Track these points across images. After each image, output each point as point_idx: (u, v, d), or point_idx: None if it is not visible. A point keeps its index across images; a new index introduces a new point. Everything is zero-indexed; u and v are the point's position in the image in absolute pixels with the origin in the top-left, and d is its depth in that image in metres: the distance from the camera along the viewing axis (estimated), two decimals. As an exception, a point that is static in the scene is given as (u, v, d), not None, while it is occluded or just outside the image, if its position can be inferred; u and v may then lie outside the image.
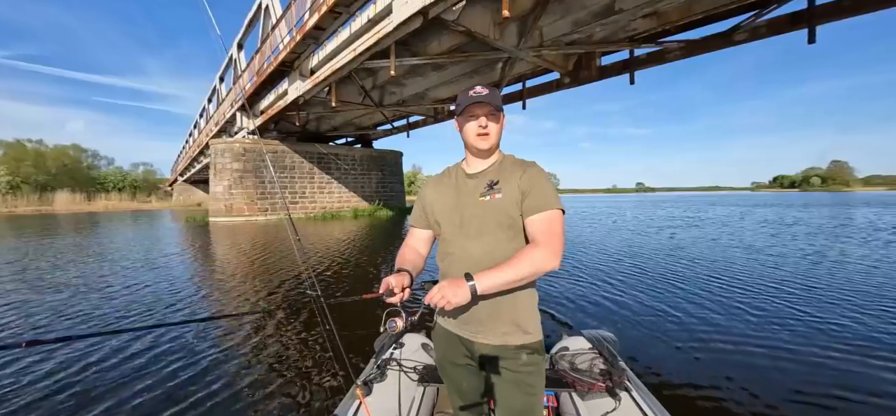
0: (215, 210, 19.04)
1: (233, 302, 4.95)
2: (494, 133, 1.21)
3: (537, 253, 1.09)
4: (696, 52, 8.63)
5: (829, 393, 2.50)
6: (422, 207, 1.37)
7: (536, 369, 1.20)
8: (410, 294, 1.21)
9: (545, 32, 8.66)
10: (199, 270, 7.03)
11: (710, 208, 28.41)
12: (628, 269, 6.51)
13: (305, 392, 2.56)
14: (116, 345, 3.37)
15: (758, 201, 40.01)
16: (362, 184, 24.09)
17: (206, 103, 28.80)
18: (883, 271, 5.95)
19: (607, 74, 10.28)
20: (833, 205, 28.40)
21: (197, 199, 51.78)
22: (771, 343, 3.29)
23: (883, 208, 22.64)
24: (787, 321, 3.82)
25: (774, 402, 2.40)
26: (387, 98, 15.09)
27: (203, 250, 9.72)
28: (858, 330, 3.58)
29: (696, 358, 3.04)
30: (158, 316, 4.34)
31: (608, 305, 4.51)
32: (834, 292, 4.91)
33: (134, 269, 6.95)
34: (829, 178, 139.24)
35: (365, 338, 3.10)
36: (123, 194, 52.79)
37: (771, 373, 2.78)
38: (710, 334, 3.52)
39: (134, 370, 2.94)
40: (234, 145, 19.16)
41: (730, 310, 4.20)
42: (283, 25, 12.44)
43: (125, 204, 46.44)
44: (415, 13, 7.12)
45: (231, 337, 3.58)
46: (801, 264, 6.67)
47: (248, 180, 19.28)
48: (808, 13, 6.98)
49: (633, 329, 3.71)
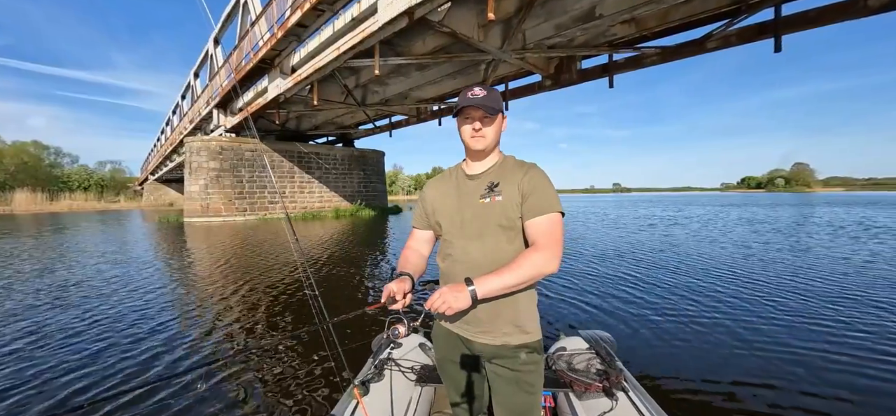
0: (191, 210, 18.43)
1: (226, 303, 4.85)
2: (490, 135, 1.20)
3: (537, 257, 1.09)
4: (671, 57, 8.96)
5: (826, 392, 2.53)
6: (423, 208, 1.37)
7: (536, 368, 1.21)
8: (412, 299, 1.20)
9: (528, 35, 8.81)
10: (186, 272, 6.82)
11: (687, 207, 29.56)
12: (619, 267, 6.66)
13: (302, 393, 2.55)
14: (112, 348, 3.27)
15: (728, 201, 41.86)
16: (344, 184, 23.80)
17: (180, 100, 27.80)
18: (861, 270, 6.22)
19: (587, 77, 10.55)
20: (799, 205, 29.94)
21: (169, 198, 49.92)
22: (765, 341, 3.33)
23: (844, 208, 24.03)
24: (781, 320, 3.86)
25: (772, 400, 2.43)
26: (369, 97, 14.98)
27: (183, 251, 9.41)
28: (859, 329, 3.59)
29: (692, 357, 3.06)
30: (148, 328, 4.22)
31: (601, 304, 4.54)
32: (820, 285, 5.11)
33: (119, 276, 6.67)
34: (792, 179, 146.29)
35: (363, 338, 3.08)
36: (89, 194, 50.41)
37: (767, 371, 2.80)
38: (704, 333, 3.55)
39: (127, 372, 2.90)
40: (211, 143, 18.60)
41: (724, 309, 4.24)
42: (263, 22, 12.17)
43: (91, 204, 44.35)
44: (400, 13, 7.12)
45: (228, 338, 3.54)
46: (788, 260, 6.98)
47: (226, 180, 18.75)
48: (774, 24, 7.37)
49: (626, 327, 3.75)
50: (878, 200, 39.73)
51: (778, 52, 7.49)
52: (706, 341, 3.38)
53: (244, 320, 4.07)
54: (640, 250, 8.50)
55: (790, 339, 3.39)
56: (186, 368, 2.98)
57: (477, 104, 1.15)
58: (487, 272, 1.11)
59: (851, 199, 43.53)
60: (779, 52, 7.47)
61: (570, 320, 4.03)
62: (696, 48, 8.43)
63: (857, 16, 6.65)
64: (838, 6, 6.76)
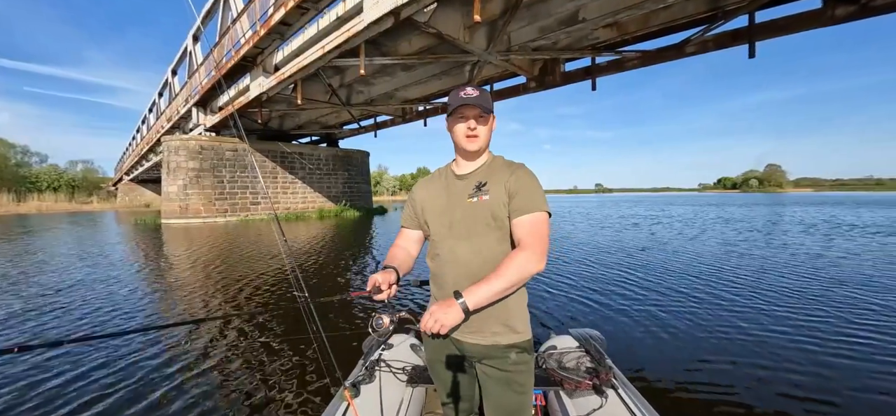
0: (169, 211, 17.90)
1: (215, 303, 4.76)
2: (483, 135, 1.20)
3: (522, 257, 1.09)
4: (651, 61, 9.21)
5: (813, 387, 2.56)
6: (412, 208, 1.37)
7: (526, 367, 1.21)
8: (397, 291, 1.21)
9: (513, 37, 8.91)
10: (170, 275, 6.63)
11: (669, 207, 30.36)
12: (609, 265, 6.80)
13: (292, 394, 2.53)
14: (107, 349, 3.24)
15: (706, 201, 43.17)
16: (328, 184, 23.52)
17: (157, 98, 26.95)
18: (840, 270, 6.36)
19: (571, 79, 10.74)
20: (772, 205, 31.11)
21: (145, 199, 48.25)
22: (755, 338, 3.39)
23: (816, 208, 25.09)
24: (771, 316, 3.94)
25: (760, 396, 2.46)
26: (354, 97, 14.88)
27: (161, 254, 9.14)
28: (850, 327, 3.65)
29: (682, 356, 3.10)
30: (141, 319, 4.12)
31: (592, 301, 4.59)
32: (803, 281, 5.31)
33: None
34: (766, 180, 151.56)
35: (353, 338, 3.08)
36: (60, 194, 48.13)
37: (756, 368, 2.84)
38: (692, 330, 3.62)
39: (121, 374, 2.86)
40: (190, 143, 18.10)
41: (713, 306, 4.32)
42: (245, 19, 11.94)
43: (61, 205, 42.37)
44: (386, 13, 7.10)
45: (217, 339, 3.49)
46: (769, 257, 7.27)
47: (206, 180, 18.28)
48: (748, 31, 7.66)
49: (615, 325, 3.80)
50: (845, 199, 41.75)
51: (752, 57, 7.80)
52: (694, 338, 3.45)
53: (232, 321, 3.99)
54: (627, 249, 8.70)
55: (775, 334, 3.47)
56: (172, 369, 2.92)
57: (473, 103, 1.15)
58: (476, 273, 1.12)
59: (821, 199, 45.59)
60: (753, 57, 7.78)
61: (560, 318, 4.06)
62: (676, 53, 8.68)
63: (824, 24, 6.98)
64: (807, 15, 7.10)
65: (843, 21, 6.85)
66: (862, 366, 2.87)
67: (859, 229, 12.14)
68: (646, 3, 7.11)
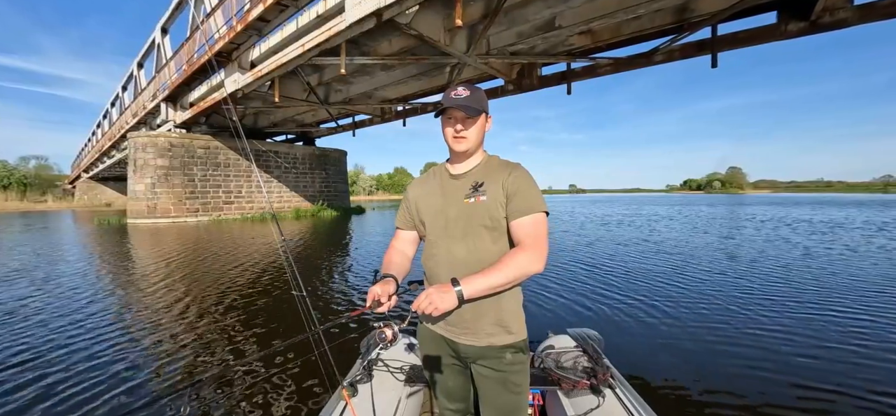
0: (135, 211, 17.14)
1: (201, 307, 4.65)
2: (472, 136, 1.18)
3: (523, 257, 1.09)
4: (622, 68, 9.64)
5: (808, 383, 2.60)
6: (406, 208, 1.35)
7: (521, 368, 1.21)
8: (398, 301, 1.18)
9: (492, 41, 9.12)
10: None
11: (645, 207, 31.40)
12: (599, 265, 6.94)
13: (289, 394, 2.52)
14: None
15: (676, 201, 45.00)
16: (305, 183, 23.11)
17: (121, 92, 25.63)
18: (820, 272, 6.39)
19: (547, 83, 11.07)
20: (734, 205, 32.71)
21: (106, 198, 45.68)
22: (751, 336, 3.46)
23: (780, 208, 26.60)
24: (767, 315, 4.01)
25: (757, 394, 2.49)
26: (332, 96, 14.73)
27: (129, 257, 8.80)
28: (842, 323, 3.76)
29: (680, 355, 3.12)
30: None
31: (587, 301, 4.63)
32: (798, 280, 5.47)
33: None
34: (728, 181, 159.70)
35: (351, 338, 3.08)
36: (10, 192, 44.95)
37: (752, 367, 2.87)
38: (695, 331, 3.65)
39: (115, 375, 2.81)
40: (159, 139, 17.38)
41: (708, 304, 4.40)
42: (220, 13, 11.62)
43: (12, 204, 39.49)
44: (369, 14, 7.14)
45: (211, 338, 3.46)
46: (763, 257, 7.53)
47: (176, 178, 17.60)
48: (711, 42, 8.18)
49: (614, 325, 3.83)
50: (800, 200, 44.59)
51: (715, 67, 8.33)
52: (694, 338, 3.48)
53: (226, 324, 3.93)
54: (617, 249, 8.99)
55: (770, 331, 3.55)
56: (167, 367, 2.90)
57: (458, 105, 1.14)
58: (473, 272, 1.11)
59: (778, 199, 48.50)
60: (715, 67, 8.32)
61: (555, 317, 4.08)
62: (645, 60, 9.13)
63: (779, 38, 7.54)
64: (764, 29, 7.65)
65: (795, 36, 7.42)
66: (862, 364, 2.92)
67: (843, 229, 12.35)
68: (617, 13, 7.47)
